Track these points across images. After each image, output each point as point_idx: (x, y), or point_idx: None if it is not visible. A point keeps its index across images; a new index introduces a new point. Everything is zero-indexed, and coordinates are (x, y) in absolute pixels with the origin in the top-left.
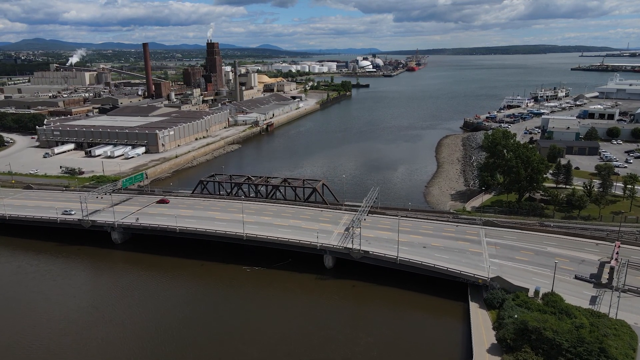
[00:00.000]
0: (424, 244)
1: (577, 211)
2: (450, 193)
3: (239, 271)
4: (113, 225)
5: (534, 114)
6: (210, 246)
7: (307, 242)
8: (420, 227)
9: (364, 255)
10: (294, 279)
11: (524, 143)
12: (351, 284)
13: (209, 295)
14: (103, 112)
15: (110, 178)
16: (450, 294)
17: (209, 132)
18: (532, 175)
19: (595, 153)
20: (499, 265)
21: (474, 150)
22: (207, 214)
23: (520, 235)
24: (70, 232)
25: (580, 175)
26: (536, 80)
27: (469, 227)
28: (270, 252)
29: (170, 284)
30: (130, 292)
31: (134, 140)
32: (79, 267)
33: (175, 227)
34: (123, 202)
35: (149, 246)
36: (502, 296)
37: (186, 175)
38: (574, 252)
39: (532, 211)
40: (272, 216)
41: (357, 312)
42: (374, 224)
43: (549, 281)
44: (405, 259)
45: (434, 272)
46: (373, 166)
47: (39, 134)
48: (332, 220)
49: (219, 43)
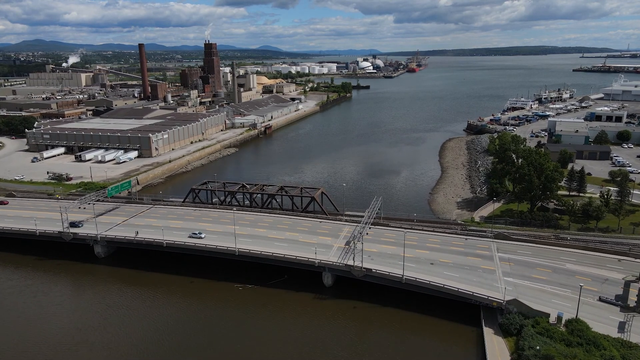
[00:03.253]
0: (432, 260)
1: (594, 222)
2: (456, 201)
3: (230, 289)
4: (96, 238)
5: (539, 116)
6: (200, 260)
7: (305, 259)
8: (427, 241)
9: (366, 274)
10: (290, 298)
11: (537, 150)
12: (352, 304)
13: (198, 316)
14: (97, 115)
15: (98, 185)
16: (461, 316)
17: (205, 135)
18: (545, 184)
19: (607, 158)
20: (514, 285)
21: (479, 154)
22: (198, 225)
23: (535, 250)
24: (51, 245)
25: (592, 181)
26: (538, 81)
27: (479, 241)
28: (264, 266)
29: (157, 303)
30: (115, 312)
31: (126, 144)
32: (60, 283)
33: (162, 241)
34: (109, 211)
35: (134, 260)
36: (520, 322)
37: (180, 181)
38: (595, 269)
39: (546, 222)
40: (267, 228)
41: (358, 336)
42: (377, 237)
43: (570, 304)
44: (412, 277)
45: (443, 293)
46: (374, 171)
47: (28, 137)
48: (331, 233)
49: (218, 44)
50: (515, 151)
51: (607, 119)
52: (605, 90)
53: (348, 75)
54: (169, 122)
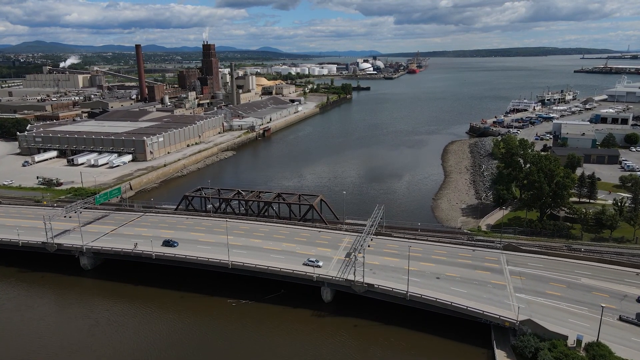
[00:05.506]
0: (438, 273)
1: (608, 231)
2: (461, 207)
3: (224, 305)
4: (82, 250)
5: (543, 119)
6: (191, 273)
7: (302, 273)
8: (432, 252)
9: (368, 289)
10: (287, 315)
11: (547, 155)
12: (353, 322)
13: (190, 334)
14: (92, 117)
15: (89, 191)
16: (470, 336)
17: (202, 137)
18: (556, 191)
19: (616, 162)
20: (527, 302)
21: (483, 158)
22: (190, 235)
23: (547, 263)
24: (35, 256)
25: (602, 187)
26: (540, 82)
27: (488, 252)
28: (260, 280)
29: (146, 320)
30: (102, 329)
31: (120, 147)
32: (44, 297)
33: (151, 253)
34: (98, 219)
35: (122, 273)
36: (536, 344)
37: (175, 186)
38: (613, 284)
39: (557, 232)
40: (263, 238)
41: (360, 354)
42: (379, 248)
43: (589, 324)
44: (417, 294)
45: (451, 312)
46: (376, 175)
47: (19, 140)
48: (331, 244)
49: (219, 46)
50: (523, 156)
51: (612, 121)
52: (609, 91)
53: (348, 76)
54: (165, 124)
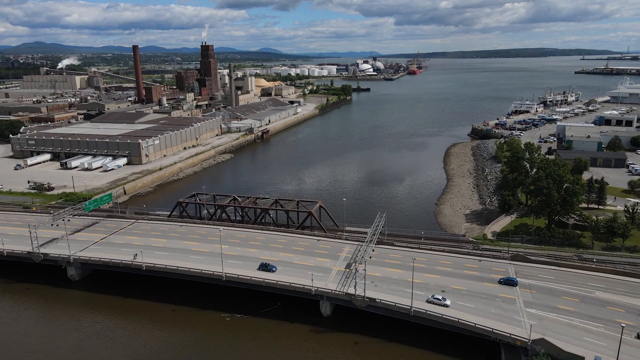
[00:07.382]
0: (443, 286)
1: (619, 240)
2: (465, 213)
3: (217, 319)
4: (69, 260)
5: (546, 120)
6: (183, 284)
7: (300, 286)
8: (437, 263)
9: (369, 304)
10: (284, 330)
11: (556, 160)
12: (354, 339)
13: (182, 350)
14: (88, 119)
15: (81, 196)
16: (479, 355)
17: (199, 140)
18: (565, 198)
19: (623, 165)
20: (538, 319)
21: (486, 161)
22: (183, 244)
23: (558, 274)
24: (21, 266)
25: (610, 192)
26: (541, 83)
27: (495, 263)
28: (255, 293)
29: (136, 334)
30: (89, 344)
31: (115, 150)
32: (30, 309)
33: (141, 264)
34: (88, 227)
35: (111, 284)
36: None
37: (171, 190)
38: (628, 298)
39: (567, 240)
40: (259, 248)
41: None
42: (381, 258)
43: (606, 343)
44: (422, 309)
45: (458, 329)
46: (376, 179)
47: (12, 143)
48: (330, 254)
49: (219, 47)
50: (530, 160)
51: (617, 123)
52: (611, 92)
53: (348, 77)
54: (162, 126)
